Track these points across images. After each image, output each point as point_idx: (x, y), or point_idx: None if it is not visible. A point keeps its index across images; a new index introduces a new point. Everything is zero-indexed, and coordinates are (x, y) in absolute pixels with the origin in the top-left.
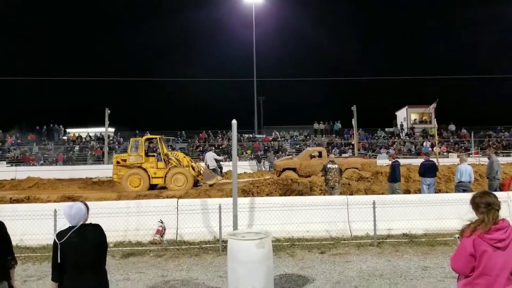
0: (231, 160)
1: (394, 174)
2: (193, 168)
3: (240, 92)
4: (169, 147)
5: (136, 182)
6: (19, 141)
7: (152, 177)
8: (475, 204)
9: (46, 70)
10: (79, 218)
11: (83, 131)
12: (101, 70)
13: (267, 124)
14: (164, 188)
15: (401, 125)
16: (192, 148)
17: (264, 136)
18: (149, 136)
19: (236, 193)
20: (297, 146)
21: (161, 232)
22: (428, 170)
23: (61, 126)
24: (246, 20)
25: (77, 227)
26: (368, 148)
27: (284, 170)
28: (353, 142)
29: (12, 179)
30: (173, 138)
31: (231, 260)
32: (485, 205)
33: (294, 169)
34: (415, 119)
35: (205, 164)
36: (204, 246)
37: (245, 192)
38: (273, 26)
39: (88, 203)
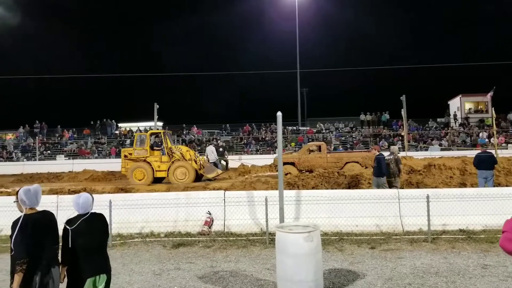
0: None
1: (381, 168)
2: (196, 162)
3: (284, 84)
4: (215, 140)
5: (140, 175)
6: (75, 135)
7: (156, 170)
8: None
9: (99, 68)
10: (86, 207)
11: (133, 126)
12: (149, 67)
13: (311, 116)
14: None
15: (455, 115)
16: (236, 141)
17: (308, 128)
18: (153, 130)
19: (282, 185)
20: (343, 138)
21: (209, 223)
22: (483, 162)
23: (113, 121)
24: (289, 10)
25: (86, 215)
26: (418, 139)
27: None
28: (402, 134)
29: (69, 172)
30: (218, 131)
31: (279, 252)
32: None
33: (293, 164)
34: (469, 109)
35: (206, 157)
36: (251, 238)
37: (290, 185)
38: (316, 14)
39: (139, 194)
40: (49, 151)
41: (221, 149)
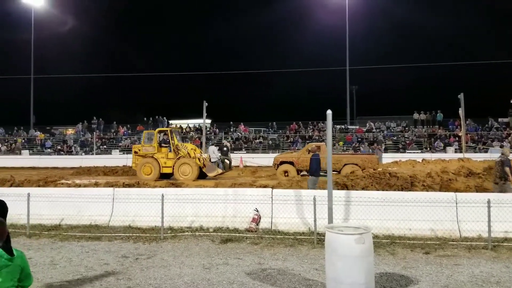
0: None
1: (311, 168)
2: (199, 160)
3: (332, 82)
4: (260, 137)
5: (148, 170)
6: (129, 131)
7: (163, 167)
8: None
9: (152, 67)
10: None
11: (184, 123)
12: (199, 65)
13: (361, 115)
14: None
15: None
16: (283, 139)
17: (357, 127)
18: (161, 128)
19: (331, 185)
20: (394, 138)
21: (256, 220)
22: None
23: (165, 118)
24: (338, 4)
25: None
26: (477, 140)
27: (281, 163)
28: (459, 134)
29: (123, 166)
30: (264, 128)
31: (329, 253)
32: None
33: (291, 163)
34: None
35: (208, 156)
36: (298, 237)
37: (338, 185)
38: (366, 8)
39: (190, 189)
40: (105, 146)
41: (225, 149)
